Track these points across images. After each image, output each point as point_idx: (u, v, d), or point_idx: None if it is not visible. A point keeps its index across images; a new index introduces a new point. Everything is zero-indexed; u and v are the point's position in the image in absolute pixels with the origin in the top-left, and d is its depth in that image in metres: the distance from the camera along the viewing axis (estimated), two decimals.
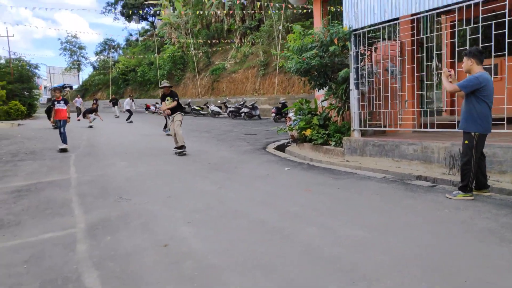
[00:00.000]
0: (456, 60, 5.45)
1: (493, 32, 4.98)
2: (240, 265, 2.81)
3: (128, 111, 19.66)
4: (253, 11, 26.65)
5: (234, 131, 14.13)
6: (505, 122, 5.11)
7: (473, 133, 4.31)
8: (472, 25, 5.75)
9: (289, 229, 3.58)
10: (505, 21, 5.01)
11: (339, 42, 7.37)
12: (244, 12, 27.13)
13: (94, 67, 49.23)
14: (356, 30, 6.83)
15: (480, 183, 4.53)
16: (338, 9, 8.01)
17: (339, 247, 3.11)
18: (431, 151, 5.82)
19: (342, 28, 7.00)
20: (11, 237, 3.64)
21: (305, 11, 17.25)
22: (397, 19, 6.42)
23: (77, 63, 48.83)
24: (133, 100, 20.94)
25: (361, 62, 7.14)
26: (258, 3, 23.23)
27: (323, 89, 8.40)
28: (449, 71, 4.56)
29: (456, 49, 5.68)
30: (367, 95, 7.20)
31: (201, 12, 27.48)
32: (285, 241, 3.28)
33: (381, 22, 6.41)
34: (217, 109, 22.98)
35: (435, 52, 6.47)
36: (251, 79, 25.22)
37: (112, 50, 50.05)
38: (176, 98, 8.69)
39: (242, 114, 20.01)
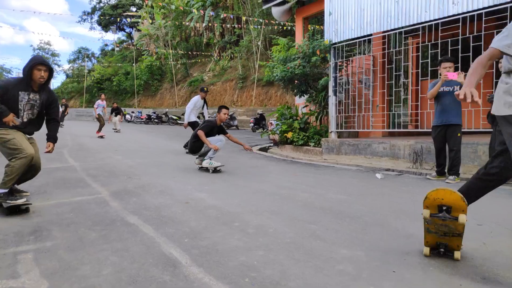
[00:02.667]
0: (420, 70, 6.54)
1: (457, 48, 6.09)
2: (253, 212, 3.55)
3: (193, 125, 9.33)
4: (232, 27, 27.80)
5: None
6: None
7: (460, 126, 5.06)
8: (432, 46, 6.92)
9: (286, 194, 4.37)
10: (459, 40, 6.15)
11: (320, 54, 8.38)
12: (223, 27, 28.22)
13: (67, 75, 48.63)
14: (335, 43, 7.86)
15: (442, 171, 5.47)
16: (315, 27, 9.09)
17: (328, 203, 3.92)
18: (398, 148, 6.82)
19: (324, 41, 8.02)
20: (45, 200, 4.16)
21: (285, 27, 18.48)
22: (371, 35, 7.51)
23: None
24: (205, 103, 9.81)
25: (339, 72, 8.17)
26: (242, 18, 24.32)
27: (304, 96, 9.37)
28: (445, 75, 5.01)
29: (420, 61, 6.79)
30: (343, 101, 8.20)
31: (187, 24, 28.22)
32: (285, 200, 4.06)
33: (357, 37, 7.46)
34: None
35: (402, 63, 7.58)
36: (229, 91, 26.11)
37: (87, 59, 49.69)
38: None
39: None
